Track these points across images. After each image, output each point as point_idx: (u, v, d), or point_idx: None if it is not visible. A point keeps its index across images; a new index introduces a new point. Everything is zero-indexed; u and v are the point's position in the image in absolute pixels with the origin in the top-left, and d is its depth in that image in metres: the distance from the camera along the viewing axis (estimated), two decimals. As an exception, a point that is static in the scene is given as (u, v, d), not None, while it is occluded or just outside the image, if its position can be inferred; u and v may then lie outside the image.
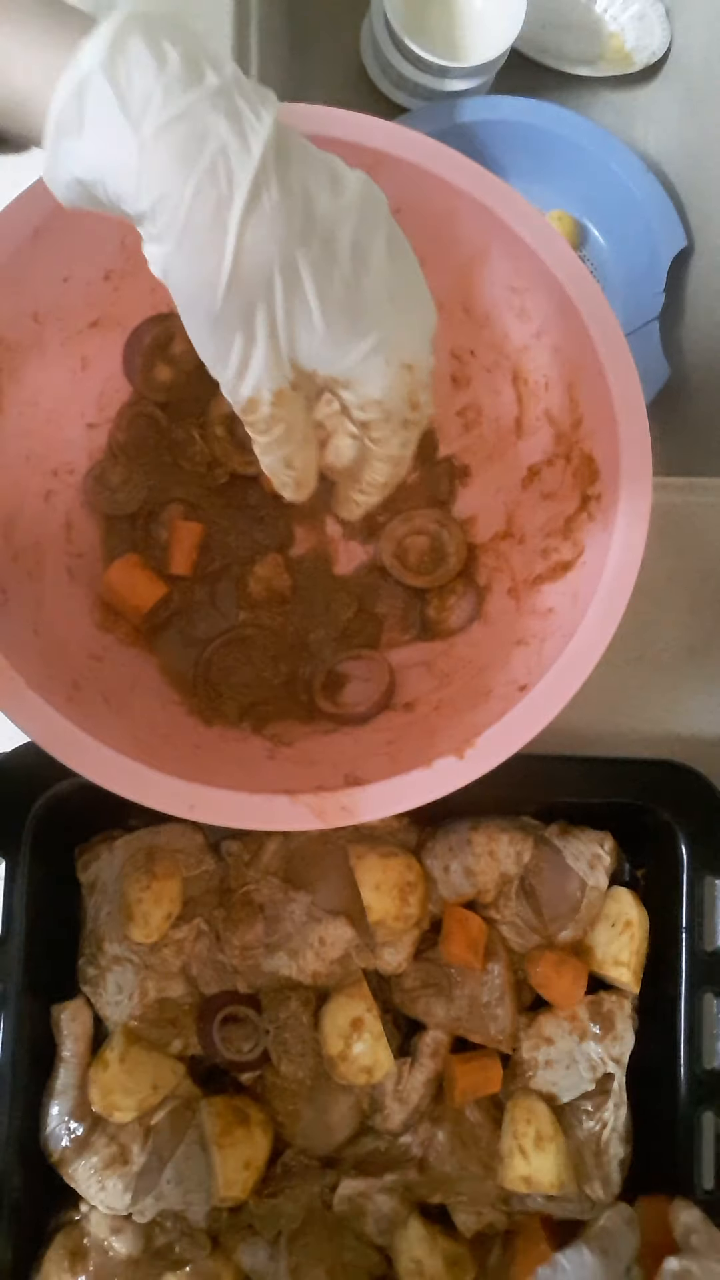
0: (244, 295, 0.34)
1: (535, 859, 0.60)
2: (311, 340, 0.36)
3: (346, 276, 0.35)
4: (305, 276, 0.34)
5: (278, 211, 0.33)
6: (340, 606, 0.61)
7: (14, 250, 0.48)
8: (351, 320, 0.35)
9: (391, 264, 0.36)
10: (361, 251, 0.35)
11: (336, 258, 0.34)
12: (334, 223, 0.34)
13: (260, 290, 0.34)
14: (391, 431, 0.40)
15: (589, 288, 0.51)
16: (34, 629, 0.50)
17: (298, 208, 0.34)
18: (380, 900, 0.57)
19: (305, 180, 0.34)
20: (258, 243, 0.33)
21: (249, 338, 0.35)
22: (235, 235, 0.33)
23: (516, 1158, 0.56)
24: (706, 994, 0.57)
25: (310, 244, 0.34)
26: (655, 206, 0.92)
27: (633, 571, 0.47)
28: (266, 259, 0.33)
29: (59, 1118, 0.57)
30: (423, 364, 0.38)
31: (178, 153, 0.32)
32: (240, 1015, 0.59)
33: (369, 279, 0.35)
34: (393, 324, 0.37)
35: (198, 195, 0.32)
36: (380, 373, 0.37)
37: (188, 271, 0.34)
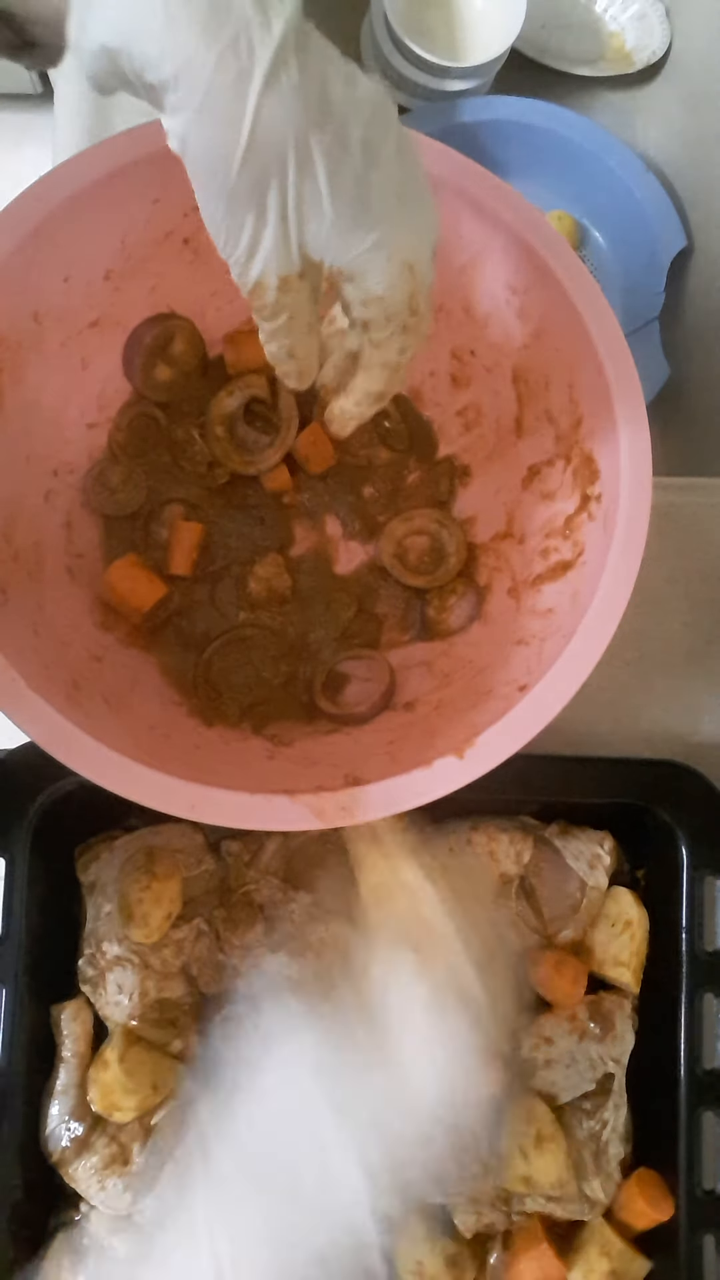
0: (258, 171, 0.35)
1: (535, 859, 0.60)
2: (320, 226, 0.37)
3: (357, 168, 0.36)
4: (318, 160, 0.35)
5: (295, 92, 0.34)
6: (340, 606, 0.61)
7: (14, 250, 0.48)
8: (359, 211, 0.37)
9: (400, 166, 0.37)
10: (372, 147, 0.36)
11: (348, 148, 0.36)
12: (347, 114, 0.36)
13: (274, 167, 0.35)
14: (390, 334, 0.41)
15: (589, 288, 0.51)
16: (34, 629, 0.50)
17: (314, 92, 0.35)
18: (380, 900, 0.57)
19: (323, 68, 0.35)
20: (274, 119, 0.34)
21: (260, 216, 0.36)
22: (253, 108, 0.34)
23: (516, 1158, 0.56)
24: (706, 994, 0.57)
25: (324, 130, 0.35)
26: (655, 206, 0.92)
27: (633, 572, 0.47)
28: (281, 136, 0.34)
29: (59, 1118, 0.57)
30: (424, 267, 0.40)
31: (202, 22, 0.33)
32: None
33: (378, 174, 0.36)
34: (398, 222, 0.38)
35: (219, 65, 0.33)
36: (383, 268, 0.38)
37: (205, 142, 0.35)
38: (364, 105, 0.36)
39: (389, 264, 0.38)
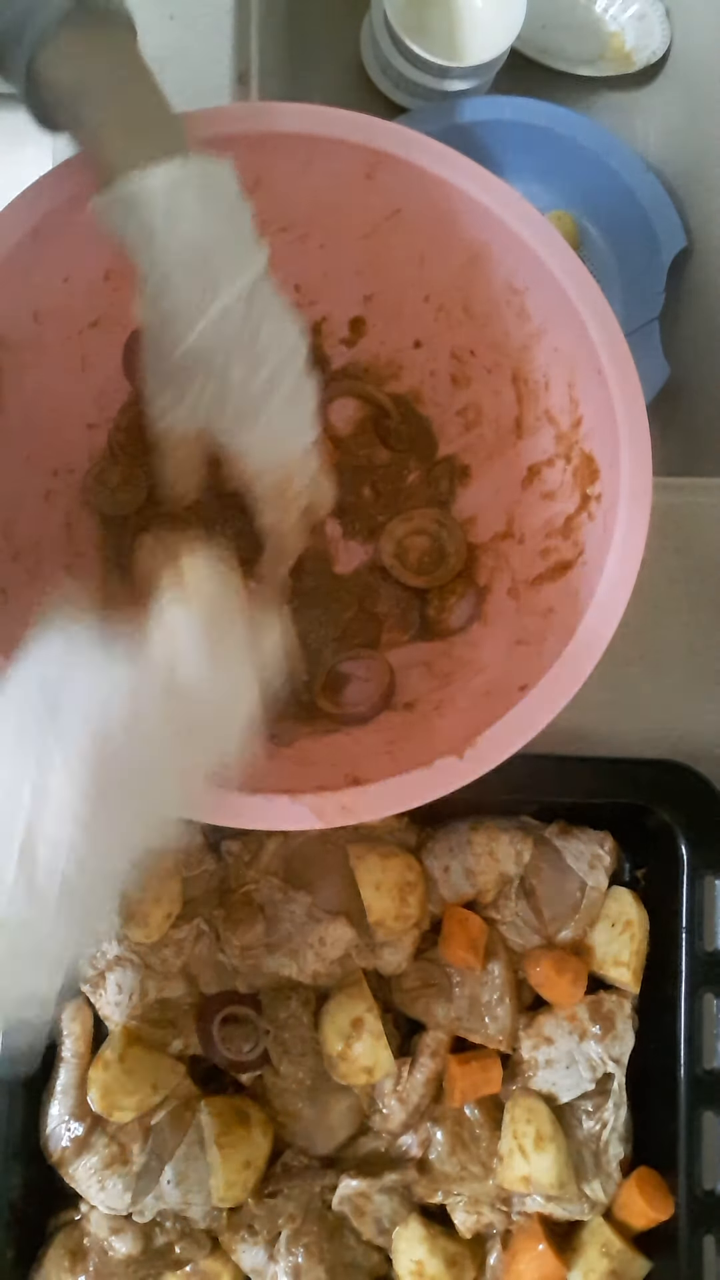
0: (188, 366, 0.46)
1: (535, 859, 0.60)
2: (221, 417, 0.48)
3: (258, 390, 0.46)
4: (233, 377, 0.46)
5: (233, 332, 0.45)
6: (340, 606, 0.61)
7: (14, 250, 0.48)
8: (249, 417, 0.47)
9: (291, 398, 0.48)
10: (276, 379, 0.47)
11: (258, 376, 0.46)
12: (265, 356, 0.46)
13: (199, 370, 0.46)
14: (266, 505, 0.52)
15: (589, 288, 0.51)
16: (34, 629, 0.50)
17: (248, 335, 0.45)
18: (380, 900, 0.57)
19: (260, 320, 0.46)
20: (209, 343, 0.45)
21: (180, 394, 0.47)
22: (199, 332, 0.44)
23: (516, 1158, 0.56)
24: (706, 994, 0.57)
25: (244, 360, 0.46)
26: (655, 206, 0.92)
27: (633, 572, 0.47)
28: (212, 354, 0.45)
29: (59, 1118, 0.57)
30: (296, 463, 0.50)
31: (188, 263, 0.44)
32: (240, 1015, 0.59)
33: (272, 400, 0.47)
34: (276, 431, 0.49)
35: (187, 295, 0.44)
36: (257, 459, 0.49)
37: (157, 335, 0.46)
38: (281, 351, 0.47)
39: (263, 456, 0.49)
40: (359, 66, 0.96)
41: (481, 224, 0.52)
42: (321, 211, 0.56)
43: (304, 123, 0.51)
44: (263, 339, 0.46)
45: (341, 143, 0.51)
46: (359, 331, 0.62)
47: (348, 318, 0.62)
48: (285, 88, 0.90)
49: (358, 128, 0.51)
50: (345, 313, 0.62)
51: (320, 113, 0.51)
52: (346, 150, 0.52)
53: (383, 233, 0.56)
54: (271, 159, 0.52)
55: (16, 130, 0.46)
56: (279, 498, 0.51)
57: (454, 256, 0.55)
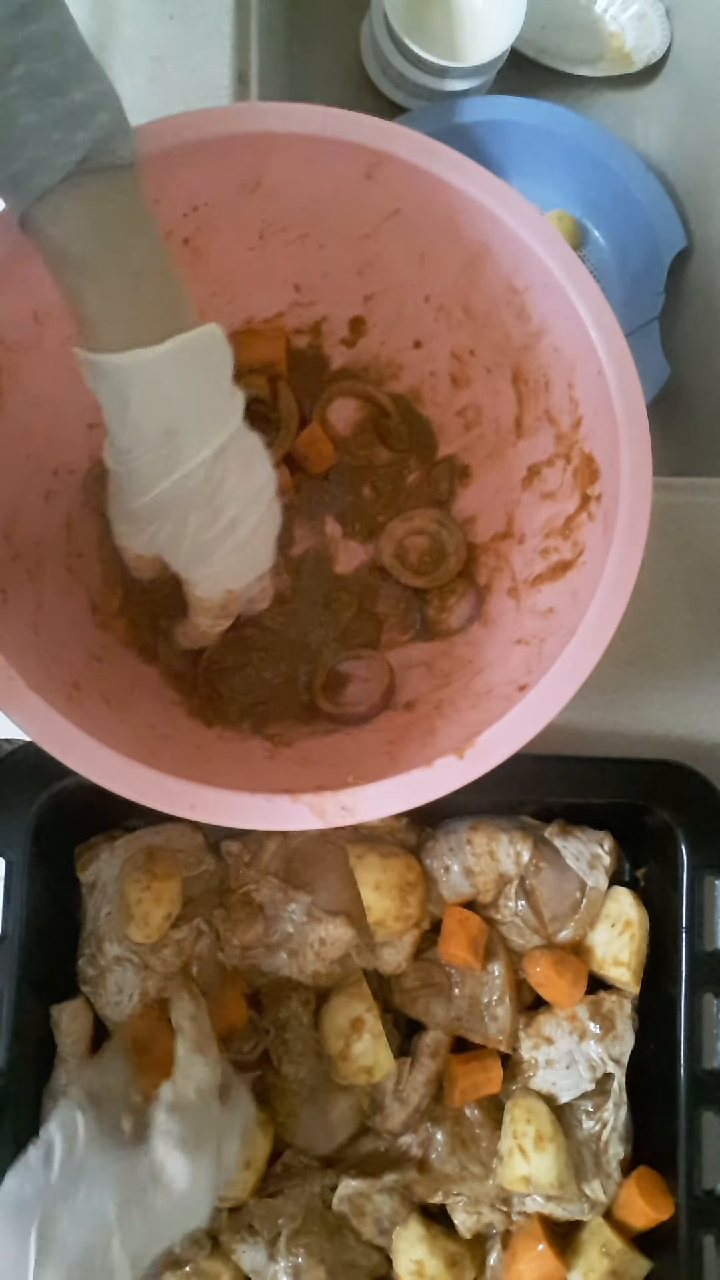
0: (148, 514, 0.46)
1: (535, 859, 0.60)
2: (176, 554, 0.48)
3: (218, 533, 0.47)
4: (190, 526, 0.46)
5: (193, 493, 0.45)
6: (340, 606, 0.61)
7: (14, 250, 0.48)
8: (205, 557, 0.48)
9: (251, 535, 0.48)
10: (236, 524, 0.47)
11: (218, 521, 0.46)
12: (227, 504, 0.46)
13: (159, 515, 0.46)
14: (204, 615, 0.52)
15: (589, 288, 0.51)
16: (34, 629, 0.50)
17: (210, 491, 0.45)
18: (380, 900, 0.57)
19: (225, 473, 0.45)
20: (169, 499, 0.45)
21: (138, 531, 0.49)
22: (154, 494, 0.45)
23: (516, 1157, 0.56)
24: (706, 994, 0.57)
25: (203, 511, 0.46)
26: (655, 206, 0.92)
27: (633, 572, 0.47)
28: (170, 509, 0.46)
29: (59, 1118, 0.57)
30: (241, 588, 0.51)
31: (156, 436, 0.44)
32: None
33: (230, 540, 0.47)
34: (230, 568, 0.49)
35: (152, 461, 0.44)
36: (208, 588, 0.50)
37: (122, 484, 0.46)
38: (245, 496, 0.47)
39: (213, 585, 0.50)
40: (359, 66, 0.96)
41: (481, 224, 0.52)
42: (321, 211, 0.56)
43: (304, 123, 0.51)
44: (224, 493, 0.46)
45: (341, 143, 0.51)
46: (359, 331, 0.62)
47: (348, 318, 0.62)
48: (285, 88, 0.90)
49: (358, 128, 0.51)
50: (345, 313, 0.62)
51: (320, 113, 0.51)
52: (346, 150, 0.52)
53: (383, 233, 0.56)
54: (271, 159, 0.52)
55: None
56: (219, 612, 0.52)
57: (454, 256, 0.55)
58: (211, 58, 0.69)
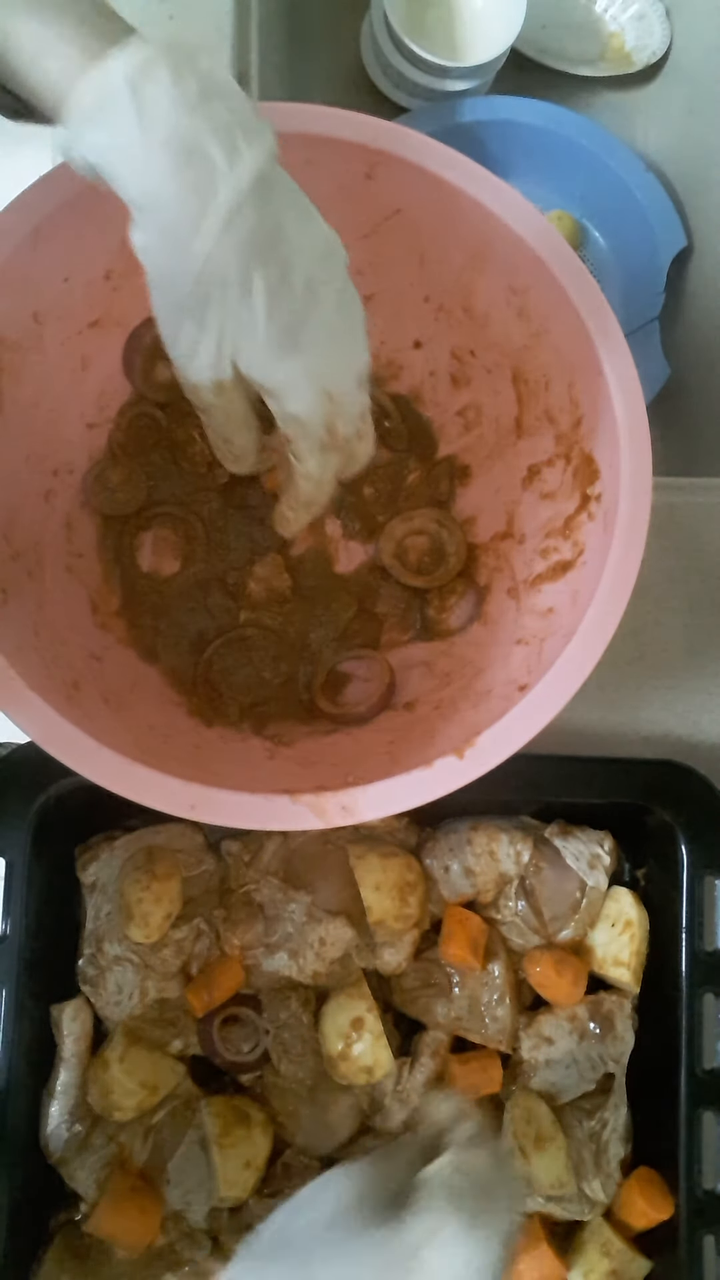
0: (204, 291, 0.38)
1: (535, 859, 0.60)
2: (252, 348, 0.40)
3: (296, 306, 0.39)
4: (258, 293, 0.38)
5: (249, 234, 0.38)
6: (340, 606, 0.61)
7: (14, 250, 0.48)
8: (288, 340, 0.40)
9: (339, 310, 0.41)
10: (314, 287, 0.40)
11: (291, 287, 0.39)
12: (295, 256, 0.39)
13: (218, 292, 0.38)
14: (308, 450, 0.44)
15: (589, 288, 0.51)
16: (34, 629, 0.50)
17: (267, 235, 0.38)
18: (380, 900, 0.57)
19: (281, 215, 0.39)
20: (224, 254, 0.37)
21: (200, 327, 0.40)
22: (207, 248, 0.37)
23: (516, 1158, 0.56)
24: (706, 994, 0.57)
25: (269, 267, 0.38)
26: (655, 206, 0.92)
27: (633, 571, 0.47)
28: (227, 269, 0.38)
29: (59, 1118, 0.57)
30: (347, 398, 0.43)
31: (173, 163, 0.36)
32: (240, 1015, 0.59)
33: (315, 314, 0.40)
34: (325, 356, 0.41)
35: (182, 201, 0.37)
36: (302, 393, 0.42)
37: (161, 261, 0.39)
38: (314, 250, 0.40)
39: (309, 390, 0.42)
40: (359, 66, 0.96)
41: (481, 224, 0.52)
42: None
43: (304, 123, 0.51)
44: (289, 237, 0.38)
45: (341, 143, 0.51)
46: (359, 331, 0.62)
47: (348, 318, 0.62)
48: (285, 88, 0.90)
49: (358, 128, 0.51)
50: (345, 313, 0.62)
51: (320, 113, 0.51)
52: (346, 150, 0.52)
53: (383, 233, 0.56)
54: (271, 159, 0.52)
55: (16, 130, 0.46)
56: (326, 439, 0.44)
57: (454, 256, 0.55)
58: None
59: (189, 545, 0.60)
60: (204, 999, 0.57)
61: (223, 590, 0.60)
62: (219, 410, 0.44)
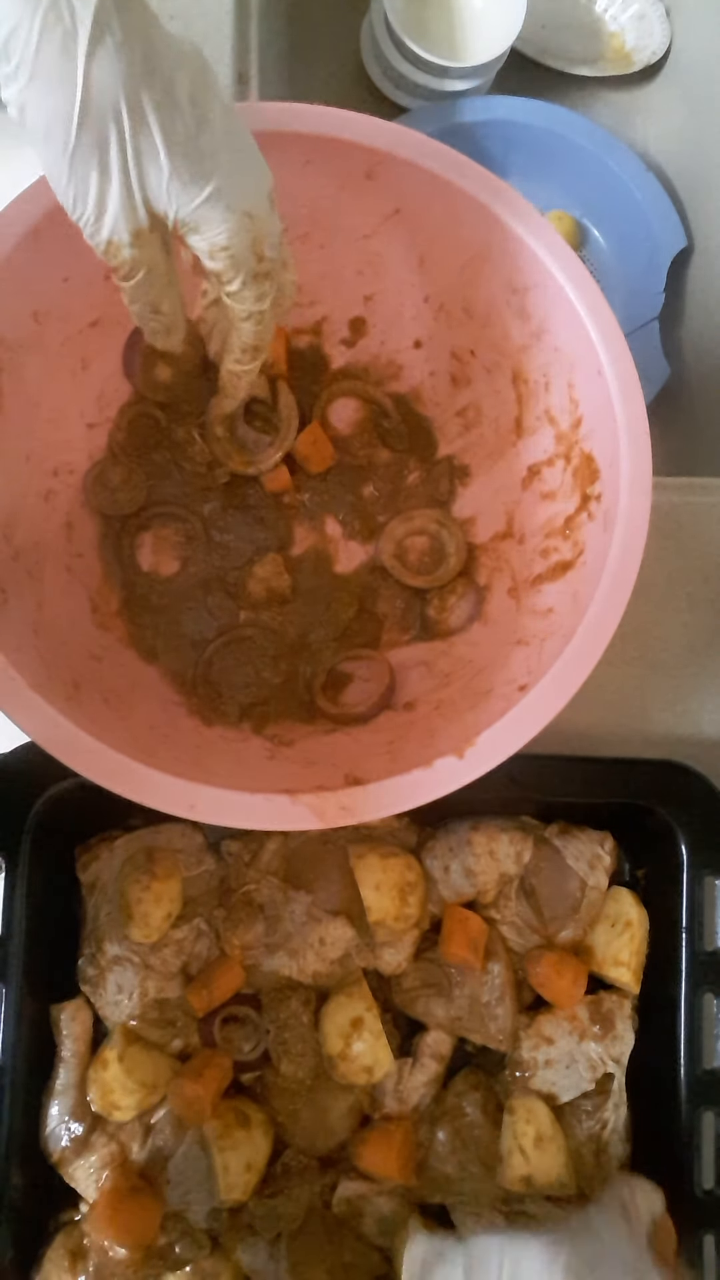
0: (95, 129, 0.37)
1: (535, 859, 0.60)
2: (160, 179, 0.39)
3: (188, 124, 0.39)
4: (150, 115, 0.37)
5: (120, 50, 0.36)
6: (340, 606, 0.61)
7: (14, 250, 0.48)
8: (194, 163, 0.39)
9: (226, 124, 0.40)
10: (199, 102, 0.39)
11: (178, 104, 0.38)
12: (174, 71, 0.38)
13: (110, 125, 0.37)
14: (243, 283, 0.43)
15: (589, 288, 0.51)
16: (34, 629, 0.50)
17: (139, 50, 0.37)
18: (380, 900, 0.57)
19: (145, 27, 0.37)
20: (104, 78, 0.36)
21: (104, 173, 0.38)
22: (82, 68, 0.36)
23: (516, 1157, 0.56)
24: (706, 994, 0.57)
25: (153, 86, 0.37)
26: (655, 206, 0.92)
27: (633, 571, 0.47)
28: (113, 93, 0.37)
29: (59, 1118, 0.57)
30: (263, 214, 0.42)
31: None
32: (240, 1015, 0.59)
33: (208, 131, 0.39)
34: (230, 174, 0.40)
35: (44, 32, 0.35)
36: (222, 216, 0.41)
37: (41, 105, 0.37)
38: (188, 63, 0.39)
39: (228, 213, 0.41)
40: (359, 66, 0.96)
41: (481, 224, 0.52)
42: (321, 211, 0.56)
43: (304, 123, 0.51)
44: (160, 54, 0.38)
45: (341, 143, 0.51)
46: (359, 331, 0.62)
47: (348, 318, 0.62)
48: (285, 88, 0.90)
49: (358, 128, 0.51)
50: (345, 313, 0.62)
51: (320, 113, 0.51)
52: (346, 150, 0.52)
53: (383, 233, 0.56)
54: (271, 159, 0.52)
55: (17, 130, 0.46)
56: (256, 266, 0.43)
57: (454, 256, 0.55)
58: (211, 58, 0.68)
59: (189, 545, 0.60)
60: (204, 999, 0.57)
61: (223, 590, 0.60)
62: (142, 265, 0.42)
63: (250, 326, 0.47)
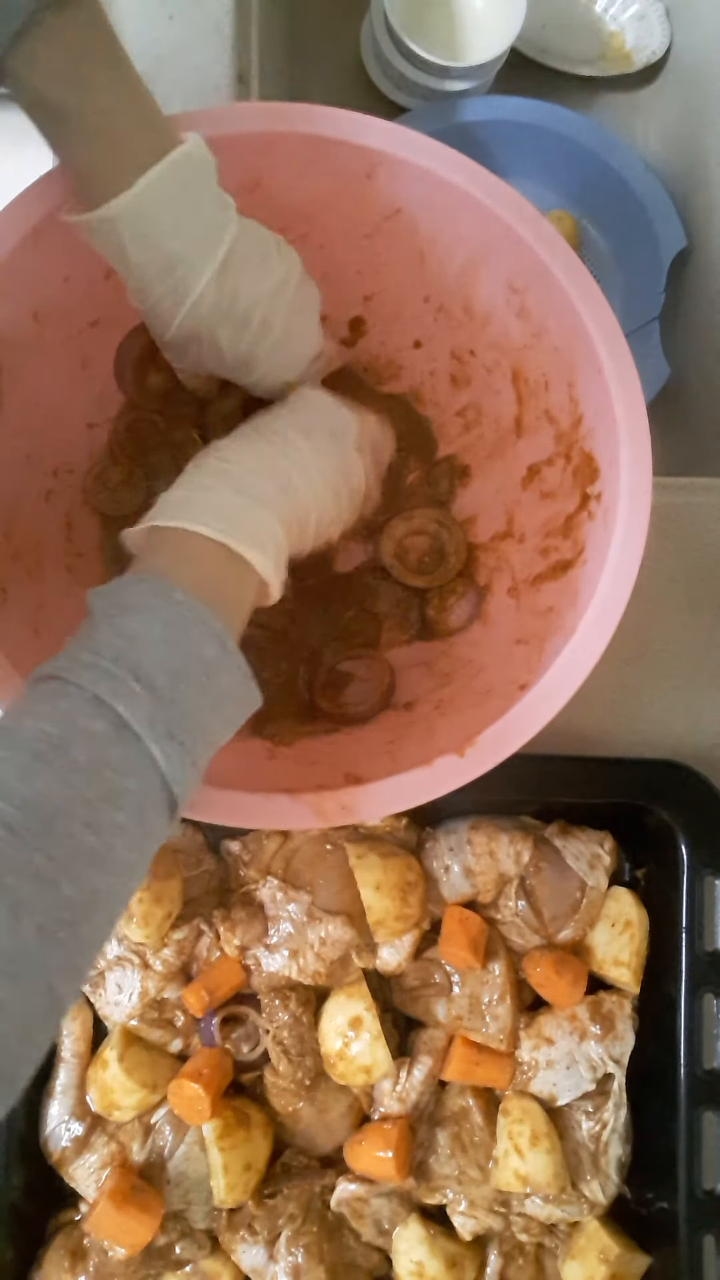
0: (182, 341, 0.50)
1: (535, 859, 0.60)
2: (222, 369, 0.52)
3: (252, 339, 0.50)
4: (222, 339, 0.50)
5: (210, 310, 0.48)
6: (340, 606, 0.61)
7: (14, 250, 0.48)
8: (248, 363, 0.52)
9: (286, 334, 0.51)
10: (266, 326, 0.50)
11: (248, 328, 0.50)
12: (250, 312, 0.49)
13: (192, 341, 0.50)
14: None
15: (589, 288, 0.51)
16: (34, 629, 0.50)
17: (225, 303, 0.48)
18: (380, 900, 0.57)
19: (236, 288, 0.48)
20: (192, 324, 0.48)
21: (180, 356, 0.53)
22: (175, 326, 0.48)
23: (512, 1157, 0.56)
24: (706, 994, 0.57)
25: (229, 324, 0.49)
26: (655, 206, 0.92)
27: (633, 571, 0.47)
28: (197, 327, 0.49)
29: (59, 1118, 0.57)
30: (301, 374, 0.54)
31: (159, 271, 0.46)
32: (240, 1015, 0.59)
33: (266, 343, 0.51)
34: (277, 364, 0.52)
35: (163, 295, 0.47)
36: (266, 388, 0.54)
37: (149, 320, 0.50)
38: (261, 299, 0.49)
39: (271, 384, 0.54)
40: (359, 66, 0.96)
41: (481, 224, 0.52)
42: (321, 211, 0.56)
43: (304, 123, 0.51)
44: (242, 301, 0.48)
45: (341, 143, 0.51)
46: (359, 331, 0.62)
47: (348, 318, 0.62)
48: (285, 88, 0.90)
49: (358, 128, 0.51)
50: (345, 313, 0.62)
51: (320, 113, 0.51)
52: (346, 150, 0.52)
53: (383, 233, 0.56)
54: (271, 159, 0.52)
55: (16, 130, 0.46)
56: (288, 390, 0.55)
57: (454, 256, 0.55)
58: (211, 58, 0.69)
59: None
60: (204, 999, 0.57)
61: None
62: (194, 388, 0.58)
63: None
